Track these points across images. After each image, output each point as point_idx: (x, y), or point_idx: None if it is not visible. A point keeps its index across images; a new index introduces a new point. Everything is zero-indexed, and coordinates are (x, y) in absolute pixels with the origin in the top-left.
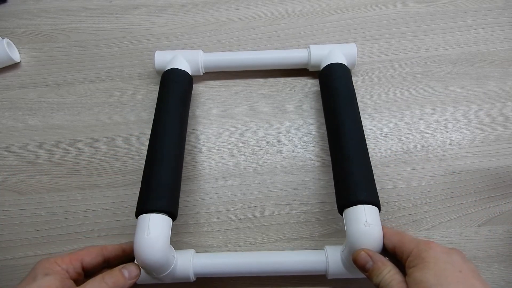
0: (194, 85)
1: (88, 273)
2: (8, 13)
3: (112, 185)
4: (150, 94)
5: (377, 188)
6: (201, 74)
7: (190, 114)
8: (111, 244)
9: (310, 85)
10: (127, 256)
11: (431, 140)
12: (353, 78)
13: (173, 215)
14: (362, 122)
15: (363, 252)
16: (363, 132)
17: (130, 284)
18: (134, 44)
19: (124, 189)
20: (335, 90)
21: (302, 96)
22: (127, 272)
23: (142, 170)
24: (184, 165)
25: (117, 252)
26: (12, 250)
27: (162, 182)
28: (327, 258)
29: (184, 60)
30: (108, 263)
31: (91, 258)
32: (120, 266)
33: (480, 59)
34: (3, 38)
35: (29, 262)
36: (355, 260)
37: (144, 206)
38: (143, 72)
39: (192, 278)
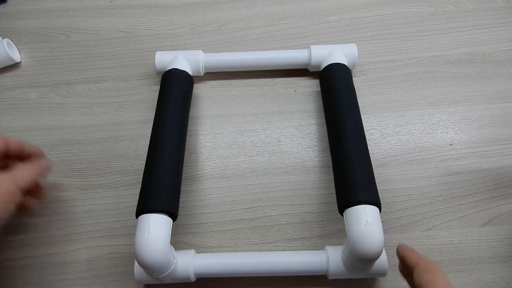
0: (194, 85)
1: None
2: (8, 13)
3: (112, 185)
4: (150, 94)
5: (378, 188)
6: (202, 74)
7: (190, 114)
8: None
9: (311, 85)
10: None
11: (432, 140)
12: (353, 78)
13: (173, 216)
14: (363, 122)
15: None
16: (364, 132)
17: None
18: (134, 44)
19: (124, 190)
20: (335, 90)
21: (303, 96)
22: (43, 163)
23: (143, 171)
24: (184, 165)
25: (18, 147)
26: (12, 251)
27: (163, 182)
28: (328, 259)
29: (185, 61)
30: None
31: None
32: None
33: (481, 60)
34: (3, 38)
35: (29, 262)
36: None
37: (144, 206)
38: (143, 72)
39: (193, 279)
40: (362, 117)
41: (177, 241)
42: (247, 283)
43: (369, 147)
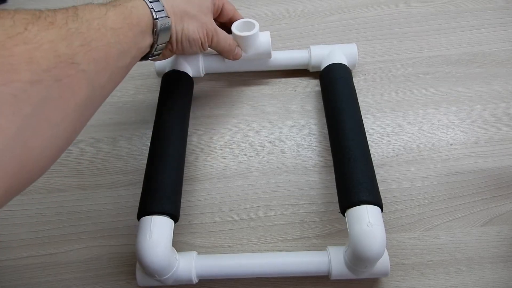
0: (194, 85)
1: None
2: None
3: (112, 186)
4: (150, 94)
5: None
6: (202, 75)
7: (190, 114)
8: None
9: (311, 85)
10: None
11: (432, 140)
12: (353, 78)
13: (175, 217)
14: (363, 122)
15: None
16: (365, 132)
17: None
18: None
19: (124, 190)
20: (335, 90)
21: (303, 96)
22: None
23: (143, 171)
24: (184, 165)
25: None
26: (12, 251)
27: (164, 184)
28: (330, 259)
29: (185, 62)
30: None
31: None
32: None
33: (481, 60)
34: None
35: (29, 262)
36: None
37: (146, 208)
38: (144, 72)
39: (195, 280)
40: (362, 117)
41: (177, 241)
42: (248, 284)
43: (369, 147)
